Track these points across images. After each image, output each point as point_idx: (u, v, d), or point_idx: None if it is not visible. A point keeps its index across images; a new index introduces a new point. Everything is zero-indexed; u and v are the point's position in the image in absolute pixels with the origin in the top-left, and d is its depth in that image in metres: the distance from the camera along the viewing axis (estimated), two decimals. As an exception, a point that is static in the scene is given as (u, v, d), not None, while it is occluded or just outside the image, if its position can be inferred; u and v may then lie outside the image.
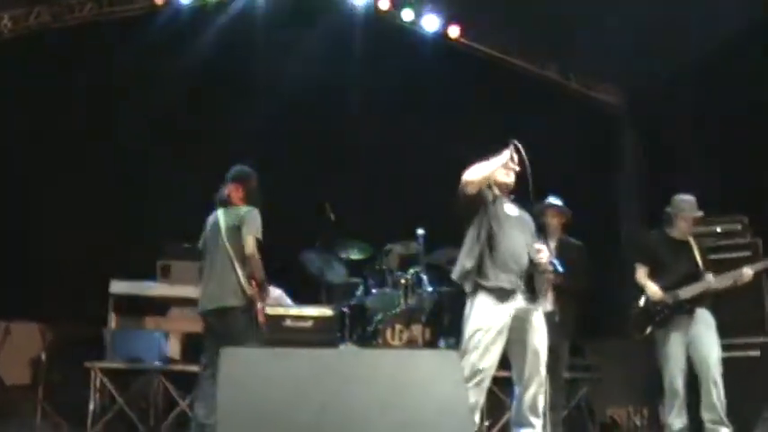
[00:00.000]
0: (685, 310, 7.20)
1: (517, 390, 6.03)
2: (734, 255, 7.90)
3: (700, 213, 7.43)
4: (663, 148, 11.14)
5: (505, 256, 5.92)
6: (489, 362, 5.80)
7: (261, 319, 6.85)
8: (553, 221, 7.87)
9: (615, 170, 12.40)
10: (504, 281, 5.88)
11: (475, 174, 5.96)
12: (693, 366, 7.22)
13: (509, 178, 6.19)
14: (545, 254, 6.03)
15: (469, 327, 5.88)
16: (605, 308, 9.88)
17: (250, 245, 6.70)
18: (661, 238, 7.59)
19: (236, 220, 6.82)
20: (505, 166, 6.10)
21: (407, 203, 9.68)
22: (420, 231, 8.20)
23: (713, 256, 7.52)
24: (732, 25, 9.65)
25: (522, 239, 6.05)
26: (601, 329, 10.18)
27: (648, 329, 7.32)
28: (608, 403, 10.11)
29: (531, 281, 6.02)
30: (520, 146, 6.08)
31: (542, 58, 11.88)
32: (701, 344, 7.17)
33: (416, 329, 8.74)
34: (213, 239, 6.94)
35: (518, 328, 5.93)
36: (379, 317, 9.00)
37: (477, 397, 5.79)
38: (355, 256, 9.60)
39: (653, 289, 7.30)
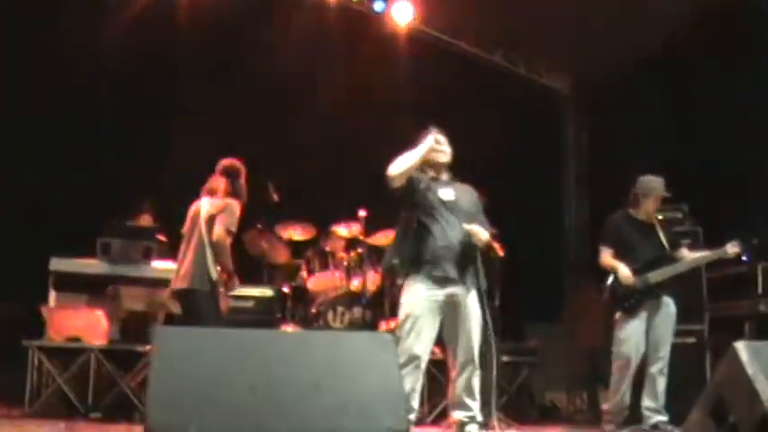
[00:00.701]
0: (653, 294, 7.21)
1: (452, 373, 6.06)
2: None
3: (668, 194, 7.46)
4: (607, 135, 11.22)
5: (439, 245, 5.91)
6: (423, 346, 5.81)
7: (223, 305, 7.17)
8: None
9: (560, 156, 12.48)
10: (437, 269, 5.88)
11: (398, 167, 5.93)
12: (644, 351, 7.24)
13: (444, 158, 6.17)
14: (480, 235, 6.04)
15: (402, 312, 5.89)
16: (546, 292, 9.98)
17: (217, 232, 6.89)
18: (626, 220, 7.56)
19: (216, 210, 7.02)
20: (432, 149, 6.08)
21: (351, 185, 9.65)
22: (362, 213, 8.19)
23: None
24: (677, 13, 9.74)
25: (457, 224, 6.03)
26: (542, 314, 10.28)
27: (617, 315, 7.30)
28: (548, 387, 10.20)
29: (465, 264, 6.02)
30: (438, 132, 6.08)
31: (490, 44, 11.85)
32: (658, 332, 7.18)
33: (358, 311, 8.73)
34: (193, 225, 7.15)
35: (451, 312, 5.93)
36: (321, 298, 8.99)
37: (414, 382, 5.79)
38: (298, 236, 9.55)
39: (624, 272, 7.22)
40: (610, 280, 7.37)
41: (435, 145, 6.09)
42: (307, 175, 9.93)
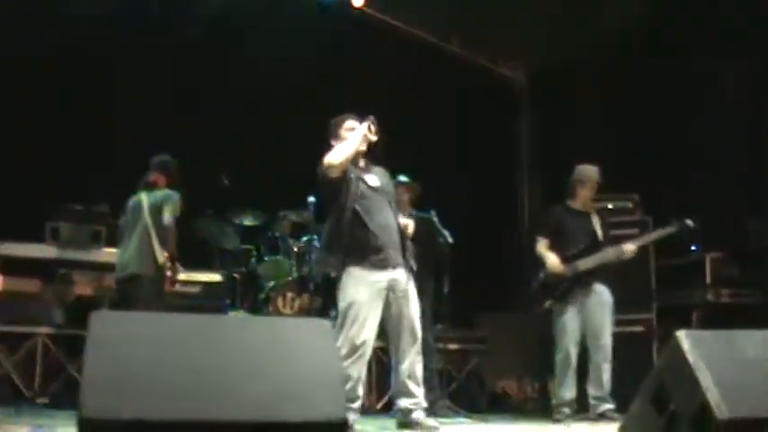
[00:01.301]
0: (583, 282, 7.25)
1: (394, 360, 6.03)
2: (624, 232, 7.95)
3: (601, 182, 7.50)
4: (561, 124, 11.25)
5: (376, 233, 5.87)
6: (367, 335, 5.76)
7: (167, 287, 7.49)
8: (404, 197, 7.82)
9: (515, 144, 12.51)
10: (377, 255, 5.85)
11: (337, 156, 5.87)
12: (585, 341, 7.28)
13: (363, 147, 6.12)
14: (410, 227, 6.06)
15: (343, 302, 5.84)
16: (497, 280, 10.00)
17: (168, 219, 7.39)
18: (563, 210, 7.63)
19: (158, 200, 7.47)
20: (365, 138, 6.04)
21: (302, 170, 9.58)
22: (311, 199, 8.13)
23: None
24: (634, 3, 9.79)
25: (390, 210, 6.02)
26: (492, 302, 10.30)
27: (548, 303, 7.35)
28: (499, 375, 10.22)
29: (402, 249, 6.01)
30: (374, 120, 6.05)
31: (445, 32, 11.82)
32: (595, 320, 7.21)
33: (308, 298, 8.68)
34: (135, 217, 7.52)
35: (392, 300, 5.90)
36: (271, 284, 8.93)
37: (359, 371, 5.75)
38: (248, 222, 9.45)
39: (552, 261, 7.30)
40: (542, 272, 7.45)
41: (369, 134, 6.03)
42: (258, 161, 9.83)
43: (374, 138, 6.06)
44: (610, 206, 7.77)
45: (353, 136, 6.02)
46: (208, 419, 3.06)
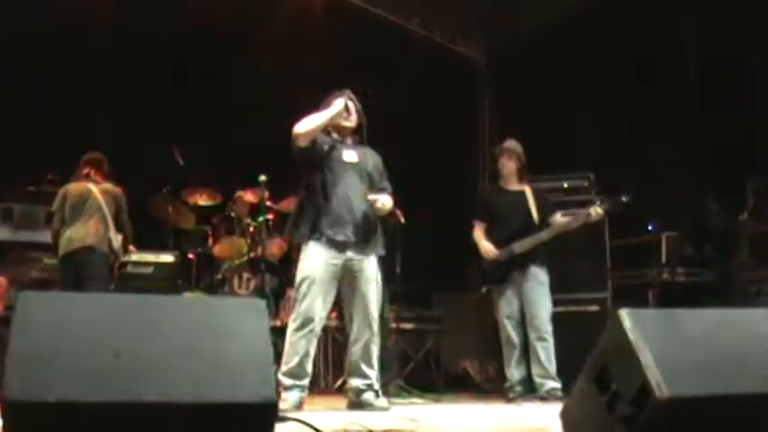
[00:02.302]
0: (519, 264, 7.21)
1: (350, 339, 6.00)
2: (579, 211, 7.91)
3: (515, 150, 7.43)
4: (521, 102, 11.21)
5: (339, 208, 5.84)
6: (319, 310, 5.73)
7: (116, 270, 7.71)
8: None
9: (475, 124, 12.46)
10: (337, 233, 5.81)
11: (305, 126, 5.84)
12: (525, 322, 7.26)
13: (348, 122, 6.09)
14: (381, 202, 5.99)
15: (299, 276, 5.81)
16: (455, 259, 9.92)
17: (123, 216, 7.92)
18: (495, 192, 7.60)
19: (115, 196, 7.93)
20: (340, 114, 5.99)
21: (258, 149, 9.49)
22: (262, 178, 8.03)
23: (565, 219, 7.45)
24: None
25: (360, 188, 5.96)
26: (451, 281, 10.25)
27: (484, 288, 7.33)
28: (459, 355, 10.19)
29: (366, 229, 5.95)
30: (353, 96, 6.00)
31: (407, 11, 11.72)
32: (531, 301, 7.19)
33: (265, 278, 8.58)
34: (88, 204, 7.79)
35: (350, 278, 5.86)
36: (227, 264, 8.86)
37: (308, 346, 5.72)
38: (204, 202, 9.38)
39: (486, 247, 7.28)
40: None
41: (343, 111, 5.98)
42: (214, 140, 9.71)
43: (352, 115, 6.02)
44: (565, 185, 7.72)
45: (326, 110, 5.97)
46: (134, 401, 2.98)
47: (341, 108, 5.98)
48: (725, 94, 8.97)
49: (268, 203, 8.78)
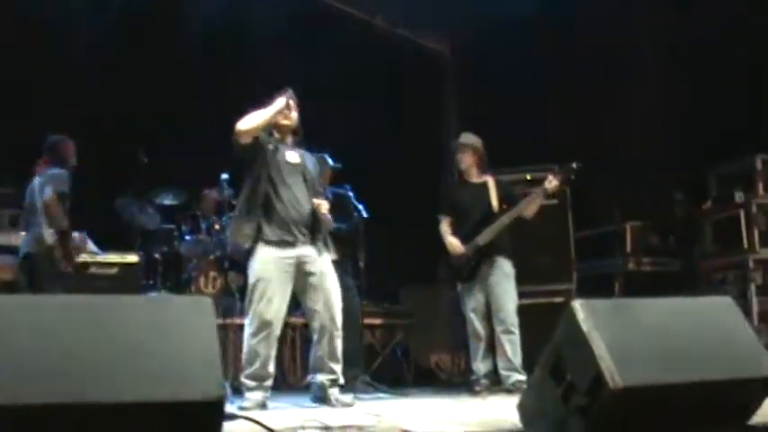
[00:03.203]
0: (485, 256, 7.19)
1: (314, 337, 5.96)
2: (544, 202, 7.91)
3: (472, 144, 7.42)
4: (487, 97, 11.19)
5: (286, 208, 5.80)
6: (275, 312, 5.67)
7: (64, 267, 7.29)
8: (325, 174, 7.75)
9: (441, 119, 12.45)
10: (286, 233, 5.77)
11: (248, 122, 5.79)
12: (491, 314, 7.25)
13: (288, 120, 6.06)
14: (325, 206, 5.96)
15: (252, 277, 5.75)
16: (424, 253, 9.91)
17: (46, 196, 7.23)
18: (459, 186, 7.60)
19: (46, 180, 7.37)
20: (281, 111, 5.96)
21: (224, 147, 9.45)
22: (224, 176, 7.97)
23: (523, 200, 7.43)
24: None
25: (304, 189, 5.93)
26: (420, 275, 10.24)
27: (459, 286, 7.32)
28: (430, 350, 10.18)
29: (316, 226, 5.93)
30: (293, 93, 5.98)
31: (371, 7, 11.69)
32: (497, 293, 7.17)
33: (231, 276, 8.55)
34: (30, 201, 7.50)
35: (306, 275, 5.83)
36: (193, 264, 8.81)
37: (269, 349, 5.67)
38: (170, 201, 9.29)
39: (452, 243, 7.26)
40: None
41: (285, 109, 5.95)
42: (178, 138, 9.65)
43: (293, 113, 5.99)
44: (528, 177, 7.72)
45: (269, 107, 5.94)
46: (81, 402, 2.94)
47: (283, 105, 5.94)
48: (689, 82, 9.01)
49: (234, 202, 8.72)
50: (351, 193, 7.83)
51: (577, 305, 3.78)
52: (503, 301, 7.14)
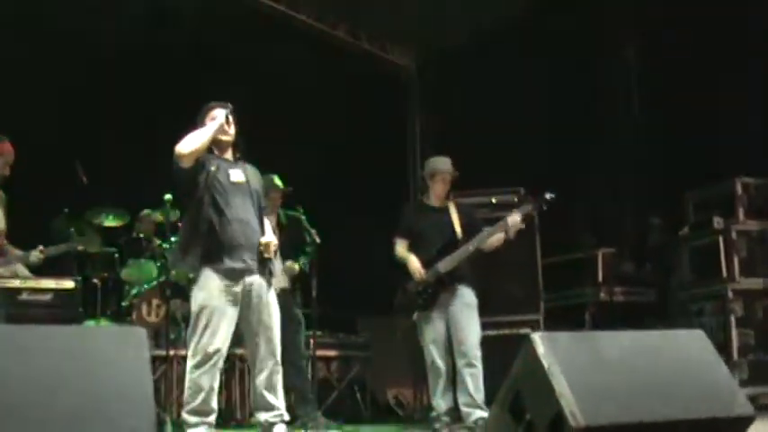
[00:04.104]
0: (446, 285, 7.15)
1: (254, 371, 5.91)
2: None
3: (455, 172, 7.41)
4: (452, 113, 11.24)
5: (233, 234, 5.74)
6: (219, 343, 5.61)
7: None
8: (275, 197, 7.74)
9: (406, 136, 12.48)
10: (233, 260, 5.72)
11: (189, 145, 5.72)
12: (452, 347, 7.20)
13: (228, 136, 6.01)
14: (273, 244, 5.93)
15: (195, 306, 5.69)
16: (383, 281, 9.90)
17: None
18: (418, 208, 7.57)
19: None
20: (221, 128, 5.92)
21: (166, 165, 9.40)
22: (167, 196, 7.90)
23: (486, 229, 7.43)
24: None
25: (251, 210, 5.89)
26: (379, 304, 10.20)
27: (416, 315, 7.24)
28: (389, 383, 10.16)
29: (263, 256, 5.89)
30: (232, 110, 5.95)
31: (333, 17, 11.69)
32: (458, 324, 7.11)
33: (175, 304, 8.47)
34: None
35: (247, 306, 5.78)
36: (135, 290, 8.75)
37: (212, 382, 5.60)
38: (110, 222, 9.21)
39: (414, 265, 7.18)
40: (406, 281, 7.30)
41: (226, 124, 5.92)
42: (120, 155, 9.59)
43: (231, 129, 5.96)
44: (493, 200, 7.73)
45: (209, 125, 5.90)
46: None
47: (222, 121, 5.91)
48: (668, 105, 9.10)
49: (178, 224, 8.66)
50: (303, 217, 7.79)
51: (537, 337, 3.79)
52: (465, 332, 7.09)
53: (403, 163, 12.38)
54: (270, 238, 5.93)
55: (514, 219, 7.02)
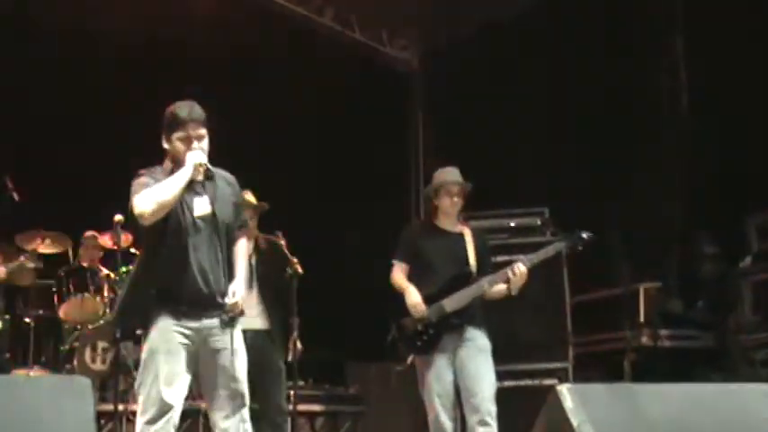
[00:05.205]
0: (453, 326, 7.13)
1: (218, 428, 5.90)
2: (529, 257, 7.82)
3: (467, 184, 7.34)
4: (460, 120, 11.28)
5: (193, 278, 5.73)
6: (177, 393, 5.62)
7: None
8: (248, 215, 7.73)
9: (406, 143, 12.53)
10: (190, 306, 5.72)
11: (151, 204, 5.64)
12: (460, 400, 7.18)
13: (202, 175, 5.94)
14: (240, 305, 5.90)
15: (147, 352, 5.69)
16: (376, 321, 9.93)
17: None
18: (425, 229, 7.50)
19: None
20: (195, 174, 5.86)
21: (114, 181, 9.43)
22: (118, 217, 7.89)
23: (503, 258, 7.43)
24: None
25: (216, 249, 5.86)
26: (371, 348, 10.22)
27: (410, 358, 7.21)
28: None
29: (225, 293, 5.88)
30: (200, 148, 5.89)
31: (319, 3, 11.75)
32: (469, 373, 7.08)
33: (126, 348, 8.49)
34: None
35: (211, 352, 5.78)
36: (77, 331, 8.76)
37: (168, 439, 5.63)
38: (46, 249, 9.23)
39: (413, 299, 7.09)
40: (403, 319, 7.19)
41: (199, 168, 5.84)
42: (58, 170, 9.64)
43: (200, 177, 5.88)
44: (511, 224, 7.74)
45: (177, 175, 5.82)
46: None
47: (191, 170, 5.82)
48: (724, 108, 9.12)
49: (131, 250, 8.68)
50: (283, 242, 7.79)
51: (564, 390, 3.80)
52: (476, 382, 7.05)
53: (402, 177, 12.38)
54: (238, 294, 5.88)
55: (548, 252, 7.02)
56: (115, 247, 8.57)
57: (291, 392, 8.10)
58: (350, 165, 11.42)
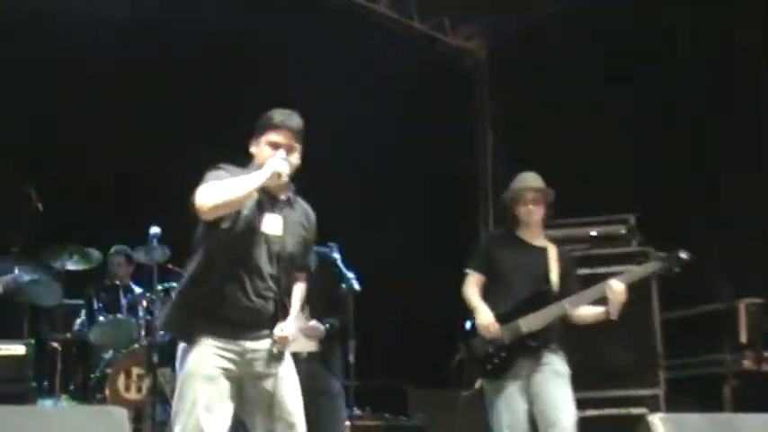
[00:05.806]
0: (528, 349, 7.10)
1: None
2: (613, 269, 7.75)
3: (548, 190, 7.29)
4: (533, 117, 11.28)
5: (246, 299, 5.73)
6: (218, 424, 5.64)
7: None
8: None
9: (472, 142, 12.54)
10: (237, 329, 5.72)
11: (215, 198, 5.65)
12: (535, 430, 7.15)
13: (281, 179, 5.95)
14: (287, 341, 5.91)
15: (183, 375, 5.69)
16: (441, 343, 9.95)
17: None
18: (505, 239, 7.44)
19: None
20: (272, 178, 5.87)
21: (151, 189, 9.51)
22: (154, 230, 7.92)
23: (584, 271, 7.41)
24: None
25: (274, 271, 5.85)
26: (435, 374, 10.23)
27: (478, 382, 7.19)
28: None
29: (276, 317, 5.89)
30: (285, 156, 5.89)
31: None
32: (546, 400, 7.06)
33: (164, 374, 8.54)
34: None
35: (255, 379, 5.79)
36: (109, 355, 8.81)
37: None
38: (74, 266, 9.26)
39: (485, 317, 7.07)
40: (468, 325, 7.19)
41: (277, 177, 5.84)
42: (86, 177, 9.72)
43: (285, 179, 5.88)
44: (593, 233, 7.72)
45: (253, 175, 5.84)
46: None
47: (270, 174, 5.82)
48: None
49: (169, 266, 8.74)
50: (337, 255, 7.80)
51: (657, 420, 3.80)
52: (556, 411, 7.01)
53: (468, 180, 12.39)
54: (287, 331, 5.89)
55: (642, 272, 6.98)
56: (150, 263, 8.66)
57: (348, 423, 8.10)
58: (408, 172, 11.42)
